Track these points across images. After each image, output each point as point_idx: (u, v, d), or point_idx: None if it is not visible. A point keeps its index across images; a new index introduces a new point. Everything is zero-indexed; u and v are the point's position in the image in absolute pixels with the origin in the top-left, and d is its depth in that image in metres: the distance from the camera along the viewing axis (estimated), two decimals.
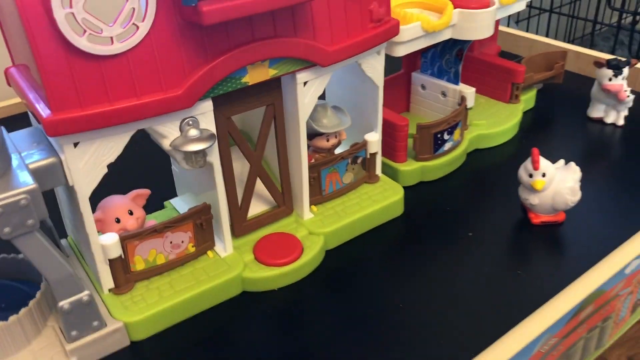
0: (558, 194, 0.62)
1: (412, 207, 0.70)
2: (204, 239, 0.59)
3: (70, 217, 0.58)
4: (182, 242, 0.57)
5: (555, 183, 0.62)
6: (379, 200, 0.67)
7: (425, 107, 0.82)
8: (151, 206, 0.62)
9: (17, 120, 0.86)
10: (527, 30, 1.53)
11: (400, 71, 0.82)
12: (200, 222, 0.57)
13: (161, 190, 0.66)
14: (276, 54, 0.52)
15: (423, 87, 0.81)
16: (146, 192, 0.59)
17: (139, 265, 0.56)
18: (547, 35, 1.50)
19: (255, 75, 0.53)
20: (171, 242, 0.56)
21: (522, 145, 0.82)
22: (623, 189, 0.72)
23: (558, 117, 0.89)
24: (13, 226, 0.44)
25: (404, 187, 0.69)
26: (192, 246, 0.58)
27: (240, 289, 0.59)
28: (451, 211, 0.70)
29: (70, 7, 0.42)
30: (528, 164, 0.62)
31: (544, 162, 0.61)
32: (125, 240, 0.54)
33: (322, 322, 0.55)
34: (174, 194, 0.69)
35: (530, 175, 0.62)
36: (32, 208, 0.45)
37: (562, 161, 0.64)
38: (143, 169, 0.72)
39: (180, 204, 0.67)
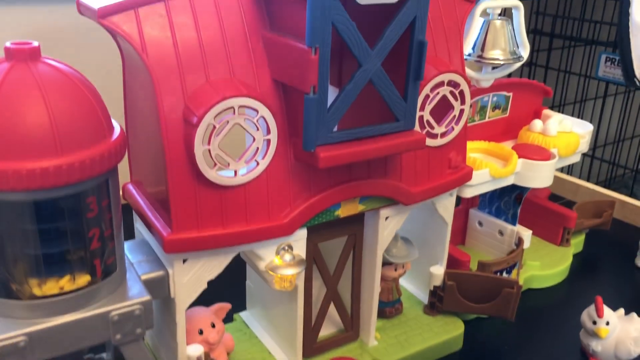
0: (621, 343, 0.64)
1: (470, 343, 0.72)
2: None
3: (155, 325, 0.61)
4: None
5: (618, 332, 0.64)
6: (440, 334, 0.70)
7: (481, 242, 0.86)
8: None
9: None
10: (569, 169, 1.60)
11: (458, 206, 0.87)
12: None
13: (231, 303, 0.69)
14: (368, 193, 0.58)
15: (480, 223, 0.85)
16: (227, 306, 0.63)
17: None
18: (588, 175, 1.56)
19: (346, 210, 0.58)
20: None
21: (573, 288, 0.85)
22: None
23: (606, 263, 0.92)
24: (124, 333, 0.48)
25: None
26: None
27: None
28: (509, 350, 0.72)
29: (208, 144, 0.48)
30: (592, 311, 0.64)
31: (607, 311, 0.64)
32: None
33: None
34: (243, 307, 0.72)
35: (594, 322, 0.64)
36: (143, 318, 0.48)
37: (621, 310, 0.67)
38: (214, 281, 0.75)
39: (249, 319, 0.70)
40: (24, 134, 0.40)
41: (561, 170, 1.23)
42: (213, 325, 0.60)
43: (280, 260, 0.55)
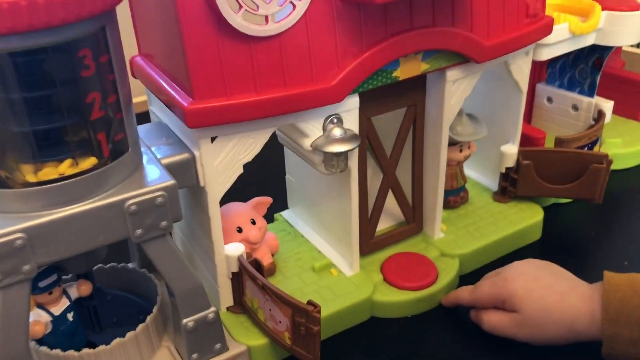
0: None
1: (548, 232, 0.62)
2: (304, 345, 0.43)
3: (186, 225, 0.52)
4: (280, 322, 0.44)
5: None
6: (515, 222, 0.60)
7: (551, 121, 0.74)
8: None
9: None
10: None
11: None
12: (301, 324, 0.42)
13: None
14: (433, 45, 0.46)
15: (549, 99, 0.73)
16: (268, 200, 0.53)
17: (247, 298, 0.48)
18: None
19: (406, 70, 0.47)
20: (270, 310, 0.45)
21: None
22: None
23: None
24: (146, 228, 0.39)
25: None
26: (289, 338, 0.44)
27: (369, 314, 0.52)
28: (595, 237, 0.62)
29: None
30: None
31: None
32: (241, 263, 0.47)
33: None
34: (284, 207, 0.63)
35: None
36: (167, 207, 0.39)
37: None
38: (249, 178, 0.66)
39: (293, 217, 0.61)
40: None
41: None
42: (253, 222, 0.51)
43: (329, 136, 0.45)
